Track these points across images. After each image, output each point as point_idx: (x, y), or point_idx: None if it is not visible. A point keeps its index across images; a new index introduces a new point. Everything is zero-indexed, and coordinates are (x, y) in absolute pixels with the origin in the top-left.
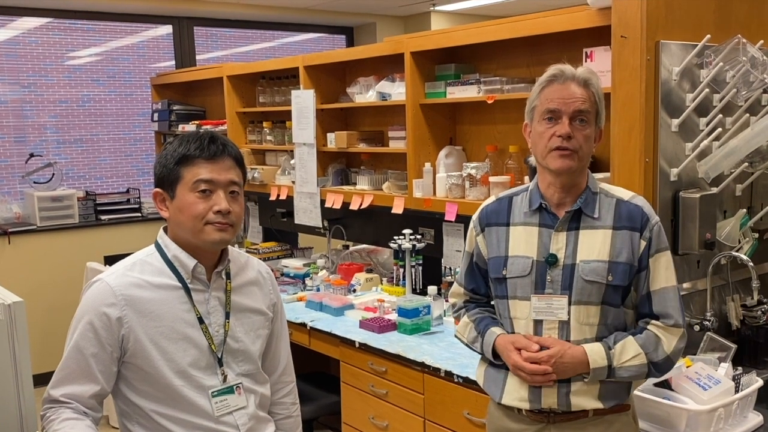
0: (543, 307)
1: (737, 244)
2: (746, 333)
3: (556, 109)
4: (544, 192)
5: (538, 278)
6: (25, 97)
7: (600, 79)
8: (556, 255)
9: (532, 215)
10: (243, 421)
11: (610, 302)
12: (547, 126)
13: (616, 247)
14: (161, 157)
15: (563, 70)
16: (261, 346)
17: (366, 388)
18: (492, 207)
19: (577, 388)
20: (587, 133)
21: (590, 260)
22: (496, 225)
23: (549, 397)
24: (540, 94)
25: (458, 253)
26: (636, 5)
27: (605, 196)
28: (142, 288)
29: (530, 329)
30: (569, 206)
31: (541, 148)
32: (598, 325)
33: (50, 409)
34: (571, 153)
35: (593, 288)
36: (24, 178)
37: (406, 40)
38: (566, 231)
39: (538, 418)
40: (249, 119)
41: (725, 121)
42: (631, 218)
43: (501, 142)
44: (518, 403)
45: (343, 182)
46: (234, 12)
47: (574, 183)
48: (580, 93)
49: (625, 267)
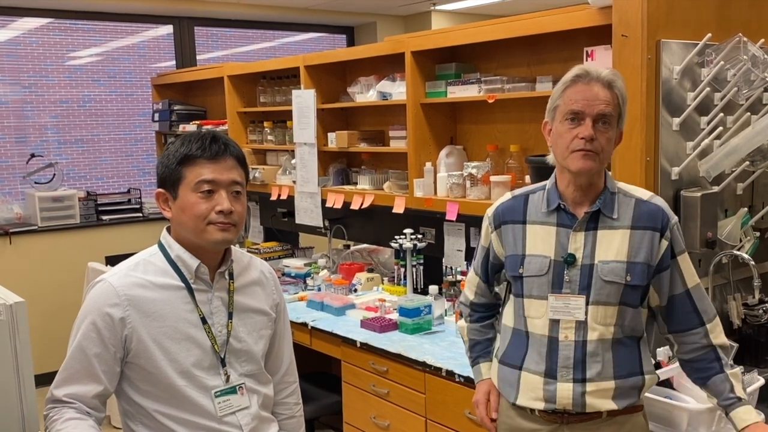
0: (560, 306)
1: (738, 242)
2: (747, 332)
3: (579, 111)
4: (562, 192)
5: (555, 278)
6: (26, 97)
7: (624, 82)
8: (575, 255)
9: (550, 215)
10: (246, 422)
11: (628, 302)
12: (570, 127)
13: (634, 247)
14: (163, 157)
15: (588, 70)
16: (264, 346)
17: (367, 388)
18: (508, 204)
19: (593, 389)
20: (609, 135)
21: (609, 260)
22: (512, 223)
23: (564, 397)
24: (563, 93)
25: (459, 252)
26: (637, 4)
27: (624, 196)
28: (146, 288)
29: (546, 329)
30: (588, 206)
31: (562, 149)
32: (615, 325)
33: (53, 409)
34: (593, 154)
35: (612, 288)
36: (25, 178)
37: (407, 40)
38: (584, 231)
39: (551, 419)
40: (250, 119)
41: (726, 119)
42: (652, 218)
43: (502, 141)
44: (533, 403)
45: (344, 182)
46: (234, 12)
47: (592, 183)
48: (604, 95)
49: (643, 267)
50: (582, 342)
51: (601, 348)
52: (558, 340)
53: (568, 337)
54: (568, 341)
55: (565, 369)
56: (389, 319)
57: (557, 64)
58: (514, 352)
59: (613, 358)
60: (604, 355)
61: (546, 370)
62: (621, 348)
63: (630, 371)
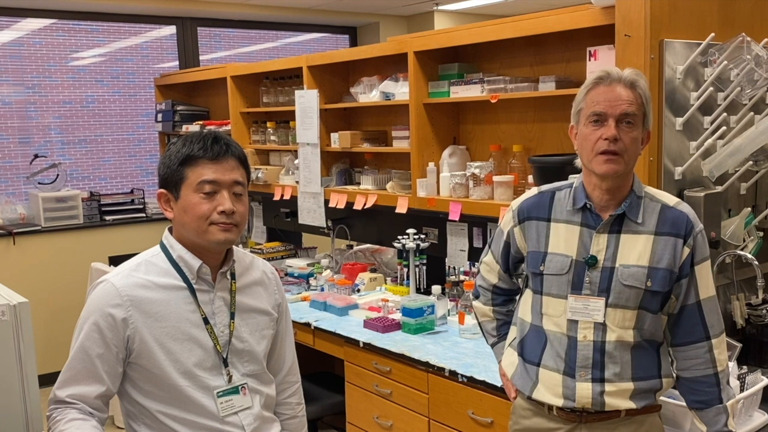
0: (579, 307)
1: (742, 242)
2: (751, 332)
3: (602, 112)
4: (589, 193)
5: (576, 278)
6: (30, 98)
7: (647, 82)
8: (596, 257)
9: (575, 213)
10: (248, 422)
11: (648, 307)
12: (593, 129)
13: (657, 253)
14: (165, 157)
15: (609, 72)
16: (266, 346)
17: (370, 388)
18: (533, 200)
19: (611, 389)
20: (634, 135)
21: (630, 265)
22: (537, 219)
23: (584, 396)
24: (586, 96)
25: (462, 252)
26: (640, 4)
27: (650, 201)
28: (148, 288)
29: (564, 328)
30: (613, 209)
31: (587, 152)
32: (634, 329)
33: (56, 410)
34: (617, 157)
35: (631, 293)
36: (29, 179)
37: (410, 40)
38: (607, 233)
39: (570, 417)
40: (253, 119)
41: (729, 119)
42: (676, 224)
43: (505, 141)
44: (551, 399)
45: (346, 182)
46: (237, 12)
47: (619, 186)
48: (626, 95)
49: (665, 273)
50: (601, 342)
51: (620, 349)
52: (577, 339)
53: (587, 337)
54: (587, 341)
55: (583, 369)
56: (392, 320)
57: (560, 64)
58: (532, 347)
59: (632, 361)
60: (622, 357)
61: (565, 368)
62: (640, 351)
63: (648, 374)
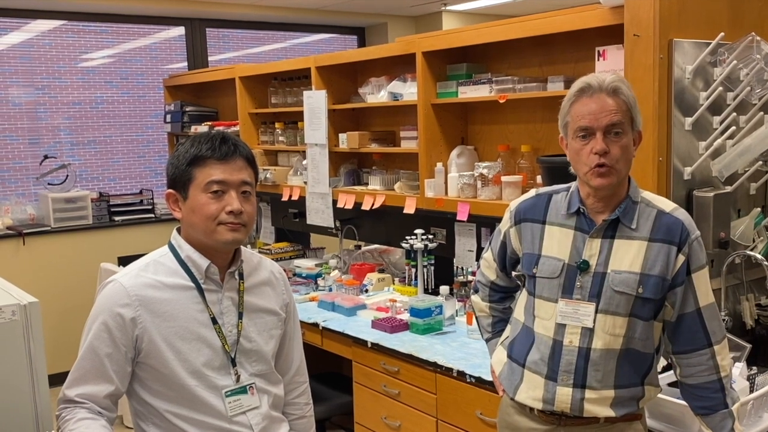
0: (569, 312)
1: (751, 243)
2: (761, 332)
3: (588, 127)
4: (584, 198)
5: (567, 282)
6: (39, 99)
7: (630, 85)
8: (588, 261)
9: (569, 217)
10: (256, 421)
11: (639, 315)
12: (582, 143)
13: (649, 260)
14: (173, 158)
15: (590, 82)
16: (274, 346)
17: (378, 388)
18: (530, 202)
19: (591, 396)
20: (624, 143)
21: (621, 271)
22: (532, 221)
23: (563, 401)
24: (570, 109)
25: (470, 253)
26: (649, 3)
27: (646, 206)
28: (156, 288)
29: (552, 331)
30: (607, 214)
31: (580, 166)
32: (624, 336)
33: (65, 409)
34: (609, 169)
35: (622, 299)
36: (38, 179)
37: (418, 40)
38: (601, 238)
39: (549, 420)
40: (261, 120)
41: (739, 119)
42: (670, 231)
43: (513, 141)
44: (532, 402)
45: (354, 182)
46: (246, 13)
47: (613, 193)
48: (610, 104)
49: (658, 280)
50: (586, 349)
51: (605, 357)
52: (562, 344)
53: (572, 342)
54: (572, 346)
55: (566, 374)
56: (400, 320)
57: (569, 64)
58: (520, 347)
59: (616, 368)
60: (606, 365)
61: (547, 372)
62: (626, 359)
63: (631, 382)
